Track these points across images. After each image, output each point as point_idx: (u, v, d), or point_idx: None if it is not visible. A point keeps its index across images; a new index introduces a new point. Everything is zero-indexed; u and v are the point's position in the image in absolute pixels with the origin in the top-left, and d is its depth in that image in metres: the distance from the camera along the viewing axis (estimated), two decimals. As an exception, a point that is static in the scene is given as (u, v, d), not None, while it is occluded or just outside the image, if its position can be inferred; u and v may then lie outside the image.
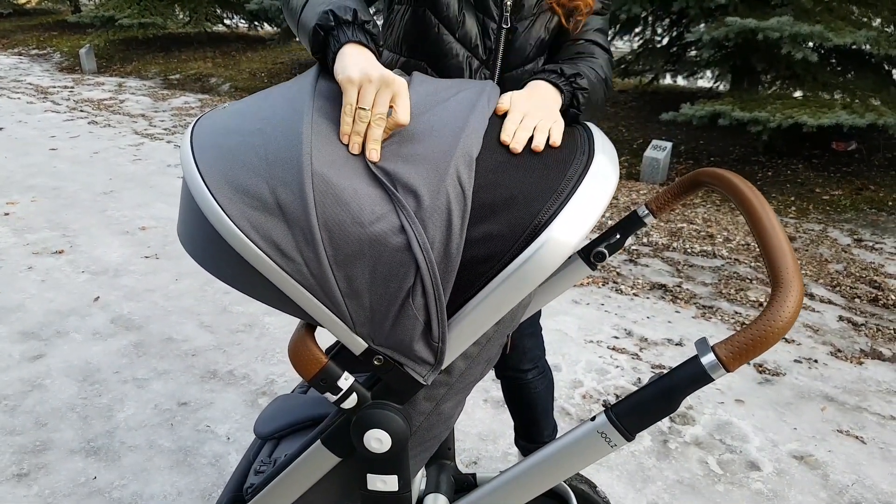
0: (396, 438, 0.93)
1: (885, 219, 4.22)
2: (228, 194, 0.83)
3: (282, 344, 2.85)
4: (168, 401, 2.47)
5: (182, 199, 0.91)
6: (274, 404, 1.29)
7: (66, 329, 2.96)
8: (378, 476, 0.97)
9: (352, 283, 0.85)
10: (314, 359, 0.89)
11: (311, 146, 0.83)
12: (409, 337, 0.88)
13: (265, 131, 0.86)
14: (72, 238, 3.97)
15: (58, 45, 11.77)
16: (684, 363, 0.80)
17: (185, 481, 2.09)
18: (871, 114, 4.36)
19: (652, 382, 0.83)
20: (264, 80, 8.56)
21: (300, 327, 0.92)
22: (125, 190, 4.85)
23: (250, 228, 0.82)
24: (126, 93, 8.44)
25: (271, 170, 0.83)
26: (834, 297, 3.30)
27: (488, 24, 1.27)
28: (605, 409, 0.87)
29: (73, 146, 6.02)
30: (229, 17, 10.99)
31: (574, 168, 0.89)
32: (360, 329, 0.88)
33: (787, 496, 2.05)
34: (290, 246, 0.82)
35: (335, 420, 0.97)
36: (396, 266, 0.83)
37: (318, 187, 0.82)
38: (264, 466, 1.14)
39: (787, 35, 4.35)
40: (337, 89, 0.90)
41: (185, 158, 0.87)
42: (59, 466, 2.14)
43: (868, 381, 2.63)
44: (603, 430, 0.85)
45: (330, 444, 0.97)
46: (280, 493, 1.03)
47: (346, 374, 0.90)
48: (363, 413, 0.92)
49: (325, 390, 0.90)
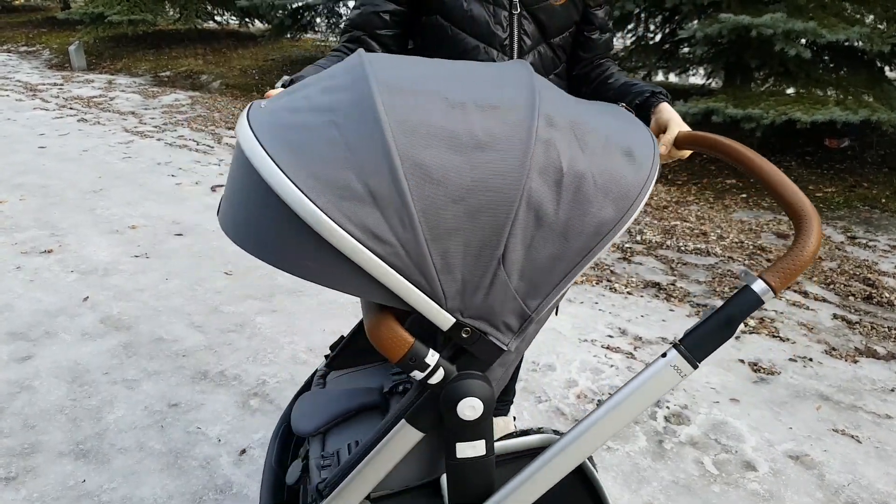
0: (488, 404, 0.99)
1: (879, 216, 4.23)
2: (317, 188, 0.85)
3: (273, 344, 2.82)
4: (158, 402, 2.44)
5: (246, 200, 0.92)
6: (304, 403, 1.30)
7: (54, 329, 2.92)
8: (468, 443, 1.02)
9: (446, 259, 0.90)
10: (401, 340, 0.94)
11: (391, 130, 0.87)
12: (500, 305, 0.95)
13: (338, 122, 0.90)
14: (60, 237, 3.92)
15: (47, 42, 11.66)
16: (737, 293, 0.96)
17: (175, 484, 2.06)
18: (865, 110, 4.36)
19: (712, 314, 0.98)
20: (255, 77, 8.50)
21: (378, 312, 0.95)
22: (115, 188, 4.81)
23: (343, 218, 0.85)
24: (116, 90, 8.37)
25: (356, 158, 0.87)
26: (828, 294, 3.30)
27: (500, 13, 1.37)
28: (673, 344, 1.00)
29: (62, 144, 5.96)
30: (220, 14, 10.92)
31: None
32: (450, 304, 0.93)
33: (783, 496, 2.04)
34: (385, 230, 0.87)
35: (418, 397, 1.01)
36: (489, 235, 0.90)
37: (409, 170, 0.87)
38: (328, 460, 1.17)
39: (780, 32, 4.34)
40: (393, 73, 0.95)
41: (261, 159, 0.87)
42: (48, 469, 2.11)
43: (863, 380, 2.63)
44: (675, 363, 0.99)
45: (415, 421, 1.01)
46: (364, 479, 1.05)
47: (432, 351, 0.96)
48: (453, 385, 0.98)
49: (413, 369, 0.95)
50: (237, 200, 0.93)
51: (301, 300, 3.19)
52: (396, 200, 0.86)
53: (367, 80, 0.92)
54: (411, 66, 1.00)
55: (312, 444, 1.22)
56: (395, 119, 0.88)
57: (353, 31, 1.45)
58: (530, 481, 1.05)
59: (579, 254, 0.95)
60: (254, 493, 2.03)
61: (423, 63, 1.03)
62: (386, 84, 0.92)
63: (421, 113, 0.90)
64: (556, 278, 0.96)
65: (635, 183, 0.96)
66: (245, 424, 2.32)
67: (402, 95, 0.92)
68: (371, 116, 0.88)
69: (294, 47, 10.05)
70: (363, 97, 0.91)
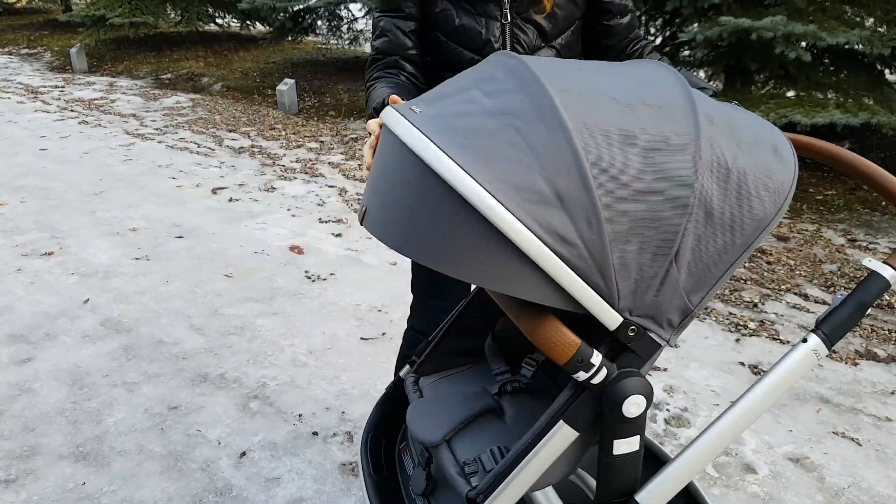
0: (649, 400, 1.01)
1: (879, 219, 4.23)
2: (506, 192, 0.86)
3: (273, 346, 2.82)
4: (158, 405, 2.44)
5: (417, 206, 0.93)
6: (419, 413, 1.30)
7: (55, 332, 2.92)
8: (625, 440, 1.03)
9: (624, 259, 0.92)
10: (570, 342, 0.94)
11: (575, 131, 0.89)
12: (668, 302, 0.97)
13: (517, 126, 0.91)
14: (61, 239, 3.93)
15: (48, 45, 11.68)
16: (866, 280, 1.05)
17: (175, 487, 2.06)
18: (865, 113, 4.35)
19: (845, 300, 1.06)
20: (256, 80, 8.51)
21: (539, 314, 0.95)
22: (115, 190, 4.81)
23: (532, 221, 0.86)
24: (117, 92, 8.39)
25: (542, 161, 0.88)
26: (828, 297, 3.30)
27: (492, 24, 1.40)
28: (814, 329, 1.06)
29: (63, 146, 5.97)
30: (221, 16, 10.91)
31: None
32: (622, 303, 0.95)
33: (784, 499, 2.04)
34: (572, 232, 0.88)
35: (575, 397, 1.02)
36: (665, 232, 0.93)
37: (595, 170, 0.88)
38: (471, 467, 1.17)
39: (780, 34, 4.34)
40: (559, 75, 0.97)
41: (446, 165, 0.88)
42: (48, 472, 2.11)
43: (863, 382, 2.63)
44: (815, 347, 1.05)
45: (572, 421, 1.02)
46: (521, 482, 1.06)
47: (596, 352, 0.96)
48: (617, 384, 0.99)
49: (579, 370, 0.96)
50: (401, 206, 0.94)
51: (301, 303, 3.20)
52: (585, 201, 0.88)
53: (539, 82, 0.93)
54: (569, 68, 1.02)
55: (438, 452, 1.21)
56: (576, 120, 0.90)
57: (385, 56, 1.49)
58: (678, 473, 1.08)
59: (742, 247, 0.99)
60: (252, 494, 2.03)
61: (574, 64, 1.05)
62: (558, 86, 0.93)
63: (596, 113, 0.92)
64: (720, 272, 1.00)
65: (786, 178, 1.01)
66: (245, 427, 2.32)
67: (575, 96, 0.93)
68: (554, 118, 0.90)
69: (295, 50, 10.06)
70: (541, 99, 0.92)
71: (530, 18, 1.42)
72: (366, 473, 1.39)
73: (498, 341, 1.46)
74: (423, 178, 0.90)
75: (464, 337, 1.46)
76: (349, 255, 3.76)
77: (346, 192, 4.81)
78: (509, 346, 1.45)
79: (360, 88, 7.76)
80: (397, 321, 3.01)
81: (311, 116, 7.09)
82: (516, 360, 1.44)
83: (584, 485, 1.31)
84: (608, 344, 1.00)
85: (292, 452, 2.20)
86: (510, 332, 1.43)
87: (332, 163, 5.53)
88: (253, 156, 5.73)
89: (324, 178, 5.14)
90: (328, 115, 7.07)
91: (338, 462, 2.16)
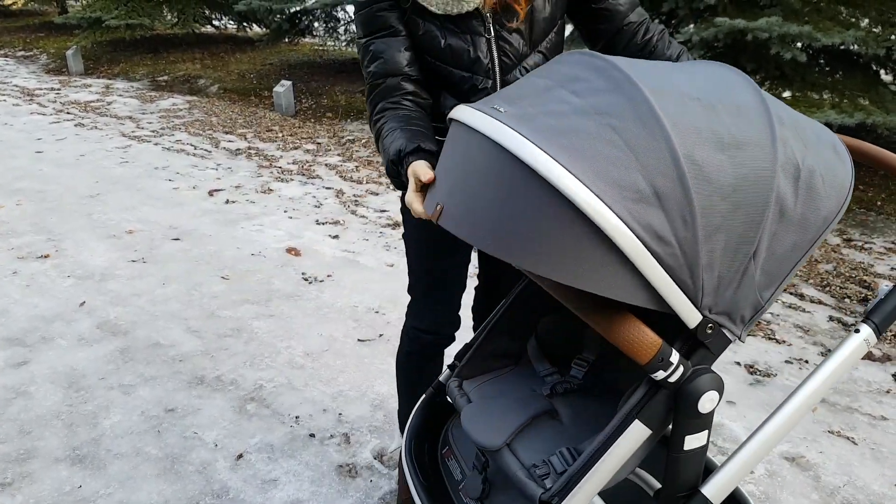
0: (721, 395, 1.04)
1: (874, 218, 4.24)
2: (606, 190, 0.87)
3: (270, 349, 2.82)
4: (155, 407, 2.44)
5: (507, 204, 0.94)
6: (475, 418, 1.30)
7: (51, 335, 2.92)
8: (695, 435, 1.05)
9: (711, 256, 0.95)
10: (651, 342, 0.95)
11: (671, 132, 0.91)
12: (744, 299, 1.00)
13: (614, 125, 0.92)
14: (57, 242, 3.92)
15: (44, 47, 11.66)
16: None
17: (172, 489, 2.06)
18: (860, 113, 4.36)
19: (892, 291, 1.11)
20: (253, 82, 8.51)
21: (617, 314, 0.96)
22: (112, 193, 4.81)
23: (631, 219, 0.88)
24: (113, 94, 8.38)
25: (642, 160, 0.90)
26: (824, 297, 3.31)
27: (478, 41, 1.38)
28: (864, 320, 1.11)
29: (59, 149, 5.96)
30: (217, 18, 10.90)
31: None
32: (704, 301, 0.97)
33: (779, 498, 2.04)
34: (668, 231, 0.90)
35: (651, 395, 1.03)
36: (747, 230, 0.96)
37: (690, 169, 0.91)
38: (542, 469, 1.18)
39: (775, 35, 4.35)
40: (648, 75, 0.98)
41: (545, 163, 0.89)
42: (44, 475, 2.11)
43: (859, 382, 2.63)
44: (866, 336, 1.09)
45: (647, 419, 1.03)
46: (597, 481, 1.07)
47: (674, 350, 0.98)
48: (694, 381, 1.00)
49: (658, 369, 0.97)
50: (487, 202, 0.96)
51: (298, 304, 3.19)
52: (681, 200, 0.90)
53: (633, 82, 0.95)
54: (652, 68, 1.04)
55: (500, 456, 1.22)
56: (670, 120, 0.92)
57: (385, 80, 1.40)
58: (741, 466, 1.10)
59: (809, 244, 1.03)
60: (249, 497, 2.03)
61: (652, 64, 1.06)
62: (650, 86, 0.95)
63: (686, 113, 0.94)
64: (788, 268, 1.03)
65: (846, 176, 1.06)
66: (241, 429, 2.32)
67: (666, 97, 0.95)
68: (651, 118, 0.91)
69: (292, 51, 10.05)
70: (637, 99, 0.93)
71: (513, 28, 1.40)
72: (415, 480, 1.39)
73: (541, 342, 1.46)
74: (517, 175, 0.91)
75: (504, 339, 1.47)
76: (346, 256, 3.76)
77: (343, 194, 4.81)
78: (554, 347, 1.46)
79: (357, 90, 7.76)
80: (394, 322, 3.01)
81: (308, 118, 7.09)
82: (561, 361, 1.46)
83: (640, 480, 1.31)
84: (683, 341, 1.02)
85: (289, 454, 2.20)
86: (555, 333, 1.45)
87: (329, 164, 5.53)
88: (250, 157, 5.73)
89: (321, 180, 5.14)
90: (325, 117, 7.07)
91: (335, 464, 2.16)
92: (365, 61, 1.42)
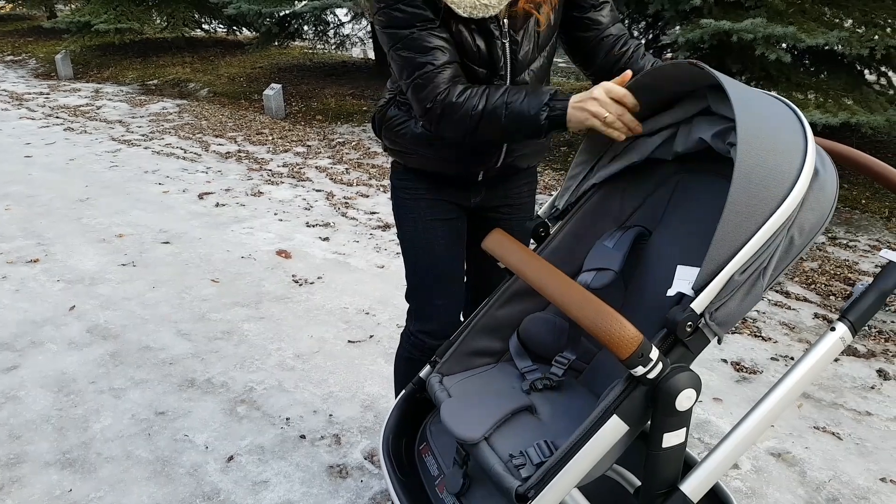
0: (699, 393, 1.05)
1: (859, 217, 4.28)
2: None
3: (260, 351, 2.83)
4: (145, 410, 2.44)
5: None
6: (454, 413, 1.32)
7: (40, 339, 2.91)
8: (674, 433, 1.07)
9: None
10: (632, 337, 0.97)
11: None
12: (747, 308, 1.05)
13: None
14: (47, 246, 3.92)
15: (33, 52, 11.62)
16: (886, 269, 1.12)
17: (162, 492, 2.06)
18: (844, 113, 4.41)
19: (867, 289, 1.13)
20: (243, 85, 8.50)
21: (602, 309, 1.00)
22: (101, 197, 4.80)
23: None
24: (103, 99, 8.35)
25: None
26: (809, 294, 3.34)
27: (494, 43, 1.45)
28: (840, 318, 1.13)
29: (48, 153, 5.95)
30: (207, 22, 10.88)
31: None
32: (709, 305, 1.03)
33: (766, 493, 2.07)
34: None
35: (629, 391, 1.05)
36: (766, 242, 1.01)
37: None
38: (518, 460, 1.19)
39: (760, 36, 4.40)
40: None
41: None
42: (34, 479, 2.11)
43: (843, 378, 2.67)
44: (842, 335, 1.12)
45: (625, 415, 1.05)
46: (573, 474, 1.08)
47: (654, 347, 1.00)
48: (672, 378, 1.02)
49: (638, 365, 0.99)
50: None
51: (288, 307, 3.20)
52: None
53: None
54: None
55: (478, 449, 1.23)
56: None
57: (449, 66, 1.40)
58: (719, 462, 1.13)
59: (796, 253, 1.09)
60: (240, 498, 2.04)
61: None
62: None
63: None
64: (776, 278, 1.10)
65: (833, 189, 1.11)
66: (232, 431, 2.33)
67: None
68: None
69: (282, 55, 10.06)
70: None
71: (528, 32, 1.47)
72: (392, 476, 1.40)
73: (523, 339, 1.49)
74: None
75: (487, 336, 1.49)
76: (336, 258, 3.77)
77: (333, 196, 4.82)
78: (536, 344, 1.48)
79: (346, 93, 7.77)
80: (385, 323, 3.02)
81: (298, 121, 7.10)
82: (542, 359, 1.48)
83: (620, 477, 1.33)
84: (663, 339, 1.05)
85: (280, 456, 2.21)
86: (537, 331, 1.47)
87: (319, 167, 5.54)
88: (240, 161, 5.73)
89: (311, 183, 5.15)
90: (315, 120, 7.08)
91: (325, 465, 2.17)
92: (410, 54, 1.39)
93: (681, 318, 1.01)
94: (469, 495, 1.29)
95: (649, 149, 1.37)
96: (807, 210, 1.06)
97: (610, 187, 1.46)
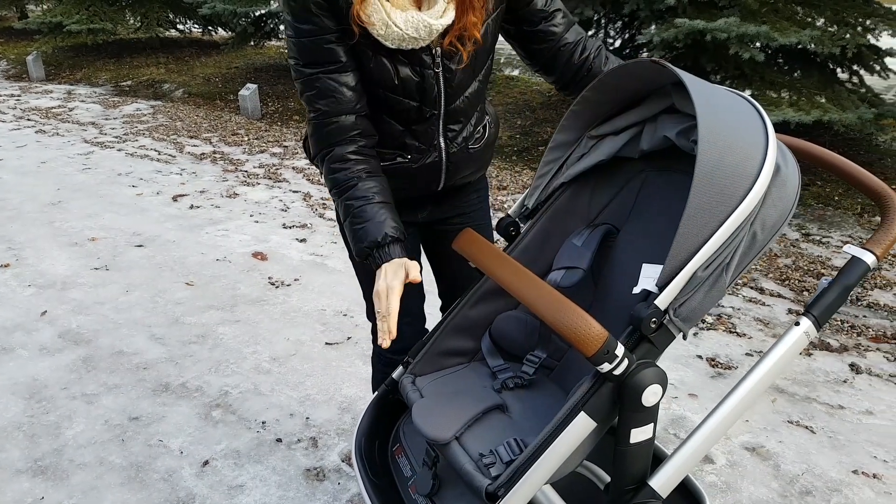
0: (665, 389, 1.06)
1: (832, 213, 4.35)
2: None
3: (236, 354, 2.80)
4: (119, 416, 2.41)
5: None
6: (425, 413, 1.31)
7: (11, 345, 2.86)
8: (640, 428, 1.07)
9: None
10: (597, 334, 0.98)
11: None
12: (711, 303, 1.06)
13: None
14: (17, 251, 3.85)
15: (3, 53, 11.42)
16: (849, 264, 1.14)
17: (136, 498, 2.03)
18: (817, 111, 4.47)
19: (831, 284, 1.14)
20: (218, 85, 8.42)
21: (567, 307, 1.01)
22: (74, 200, 4.73)
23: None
24: (75, 100, 8.23)
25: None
26: (783, 290, 3.38)
27: (426, 73, 1.39)
28: (804, 313, 1.14)
29: (19, 156, 5.84)
30: (182, 22, 10.77)
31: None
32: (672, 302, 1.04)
33: (740, 487, 2.09)
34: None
35: (596, 388, 1.05)
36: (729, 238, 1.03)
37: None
38: (488, 458, 1.19)
39: (734, 35, 4.44)
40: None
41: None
42: (5, 488, 2.07)
43: (817, 372, 2.70)
44: (807, 329, 1.13)
45: (592, 412, 1.05)
46: (543, 471, 1.08)
47: (620, 343, 1.01)
48: (638, 374, 1.03)
49: (604, 361, 1.00)
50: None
51: (264, 309, 3.18)
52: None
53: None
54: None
55: (448, 449, 1.22)
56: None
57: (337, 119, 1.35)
58: (687, 457, 1.13)
59: (758, 249, 1.11)
60: (216, 503, 2.01)
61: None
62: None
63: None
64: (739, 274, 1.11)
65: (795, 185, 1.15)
66: (207, 436, 2.30)
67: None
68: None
69: (258, 55, 9.98)
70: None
71: (461, 61, 1.39)
72: (364, 478, 1.39)
73: (495, 339, 1.49)
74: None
75: (459, 336, 1.48)
76: (314, 260, 3.75)
77: (310, 197, 4.79)
78: (507, 343, 1.49)
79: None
80: (363, 325, 3.01)
81: (274, 121, 7.05)
82: (513, 357, 1.48)
83: (591, 473, 1.33)
84: (628, 335, 1.05)
85: (255, 460, 2.19)
86: (509, 330, 1.47)
87: (296, 167, 5.50)
88: (215, 162, 5.68)
89: (287, 184, 5.11)
90: (292, 120, 7.04)
91: (302, 468, 2.16)
92: (310, 94, 1.35)
93: (645, 314, 1.02)
94: (440, 496, 1.28)
95: (616, 147, 1.37)
96: (769, 206, 1.07)
97: (579, 186, 1.46)
